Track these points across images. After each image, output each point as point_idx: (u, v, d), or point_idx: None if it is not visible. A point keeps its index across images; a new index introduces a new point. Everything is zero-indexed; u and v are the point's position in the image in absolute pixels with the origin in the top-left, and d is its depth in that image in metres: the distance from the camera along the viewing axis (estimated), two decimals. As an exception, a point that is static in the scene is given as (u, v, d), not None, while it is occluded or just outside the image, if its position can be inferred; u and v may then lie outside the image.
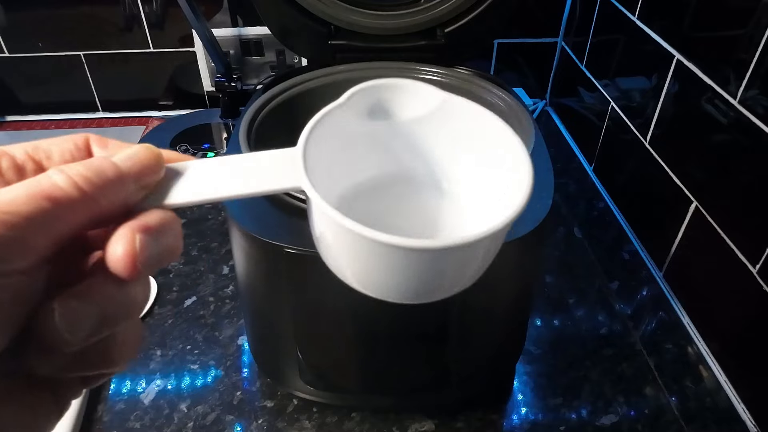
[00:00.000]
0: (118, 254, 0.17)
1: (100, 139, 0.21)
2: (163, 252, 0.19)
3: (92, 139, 0.20)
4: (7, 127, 0.86)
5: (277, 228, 0.36)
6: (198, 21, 0.70)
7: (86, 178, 0.17)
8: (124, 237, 0.18)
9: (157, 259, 0.18)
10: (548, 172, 0.41)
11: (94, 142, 0.20)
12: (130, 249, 0.18)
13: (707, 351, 0.53)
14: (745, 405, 0.48)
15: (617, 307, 0.58)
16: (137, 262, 0.18)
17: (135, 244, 0.18)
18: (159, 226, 0.19)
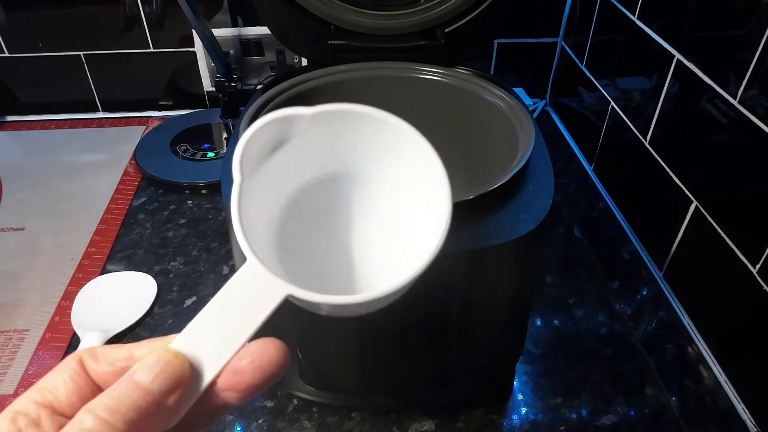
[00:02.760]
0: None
1: (90, 353, 0.21)
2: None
3: (84, 357, 0.21)
4: (7, 127, 0.86)
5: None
6: (198, 21, 0.70)
7: (114, 411, 0.18)
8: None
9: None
10: (548, 172, 0.41)
11: (86, 359, 0.21)
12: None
13: (707, 351, 0.53)
14: (745, 405, 0.48)
15: (617, 307, 0.58)
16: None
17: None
18: None
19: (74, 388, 0.20)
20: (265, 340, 0.21)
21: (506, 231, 0.36)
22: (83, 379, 0.21)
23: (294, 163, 0.25)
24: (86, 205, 0.70)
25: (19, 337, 0.53)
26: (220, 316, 0.21)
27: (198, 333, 0.21)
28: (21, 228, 0.66)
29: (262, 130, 0.22)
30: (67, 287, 0.58)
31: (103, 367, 0.21)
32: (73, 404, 0.20)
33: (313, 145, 0.25)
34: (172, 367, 0.20)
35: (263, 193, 0.24)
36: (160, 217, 0.69)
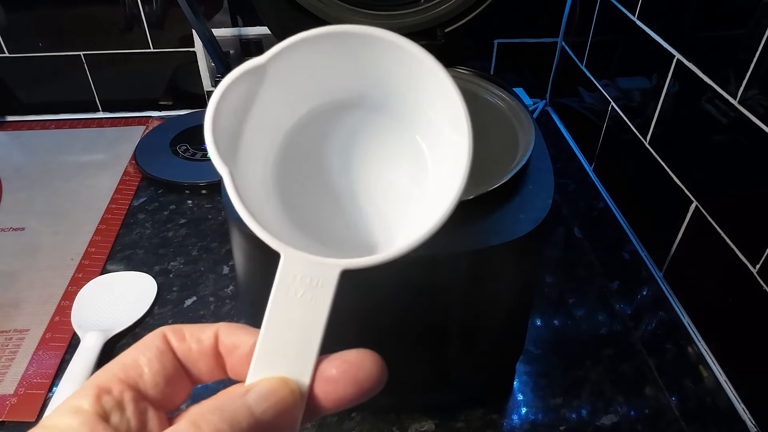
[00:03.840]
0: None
1: (175, 331, 0.20)
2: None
3: (169, 335, 0.20)
4: (7, 127, 0.86)
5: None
6: (198, 21, 0.70)
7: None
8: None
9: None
10: (548, 172, 0.41)
11: (171, 336, 0.20)
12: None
13: (707, 351, 0.53)
14: (745, 405, 0.48)
15: (617, 307, 0.58)
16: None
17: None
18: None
19: (159, 368, 0.19)
20: (362, 352, 0.20)
21: (506, 231, 0.36)
22: (168, 358, 0.20)
23: (275, 108, 0.22)
24: (86, 205, 0.70)
25: (19, 337, 0.53)
26: (284, 325, 0.19)
27: (273, 351, 0.19)
28: (21, 228, 0.66)
29: (223, 103, 0.20)
30: (67, 287, 0.58)
31: (190, 345, 0.20)
32: (158, 385, 0.19)
33: (295, 86, 0.22)
34: (288, 402, 0.19)
35: (255, 161, 0.22)
36: (160, 217, 0.69)
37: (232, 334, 0.20)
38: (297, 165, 0.23)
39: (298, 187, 0.23)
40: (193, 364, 0.20)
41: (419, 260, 0.36)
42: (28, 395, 0.48)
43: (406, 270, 0.37)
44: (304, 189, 0.23)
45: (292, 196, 0.23)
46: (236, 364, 0.20)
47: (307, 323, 0.19)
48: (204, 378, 0.21)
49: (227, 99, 0.20)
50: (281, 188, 0.23)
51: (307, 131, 0.23)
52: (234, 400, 0.18)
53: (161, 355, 0.20)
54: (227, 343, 0.20)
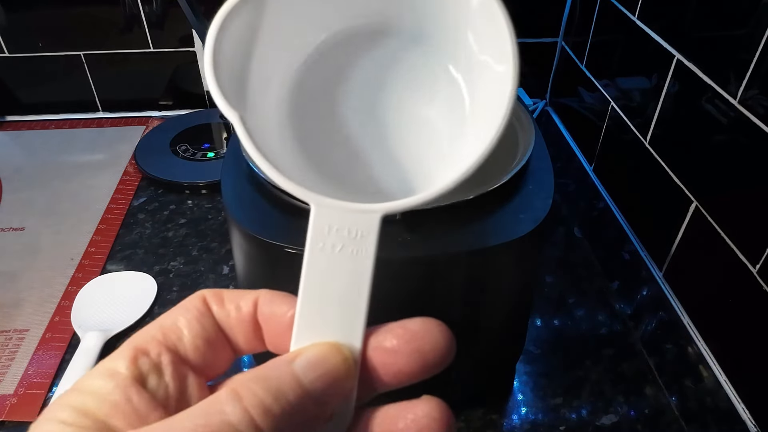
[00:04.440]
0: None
1: (215, 295, 0.19)
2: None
3: (208, 298, 0.19)
4: (7, 127, 0.86)
5: (277, 228, 0.36)
6: (198, 21, 0.70)
7: (266, 410, 0.15)
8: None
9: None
10: (548, 172, 0.41)
11: (210, 300, 0.19)
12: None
13: (707, 351, 0.53)
14: (745, 405, 0.48)
15: (617, 307, 0.58)
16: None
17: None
18: None
19: (200, 330, 0.18)
20: (427, 321, 0.18)
21: (506, 231, 0.36)
22: (209, 321, 0.18)
23: (284, 37, 0.19)
24: (86, 205, 0.70)
25: (19, 337, 0.53)
26: (325, 285, 0.17)
27: (315, 308, 0.17)
28: (21, 228, 0.66)
29: (221, 38, 0.17)
30: (67, 287, 0.58)
31: (229, 311, 0.19)
32: (198, 348, 0.18)
33: (304, 8, 0.19)
34: (340, 371, 0.17)
35: (266, 99, 0.19)
36: (160, 217, 0.69)
37: (271, 302, 0.19)
38: (315, 104, 0.20)
39: (318, 129, 0.20)
40: (231, 332, 0.19)
41: (419, 260, 0.36)
42: (28, 395, 0.48)
43: (406, 270, 0.37)
44: (325, 130, 0.21)
45: (313, 140, 0.20)
46: (275, 335, 0.19)
47: (351, 280, 0.17)
48: (242, 348, 0.19)
49: (228, 31, 0.17)
50: (299, 131, 0.20)
51: (325, 64, 0.20)
52: (279, 367, 0.16)
53: (201, 317, 0.18)
54: (266, 312, 0.19)
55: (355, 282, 0.17)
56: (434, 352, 0.18)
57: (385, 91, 0.21)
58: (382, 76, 0.21)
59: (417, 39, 0.20)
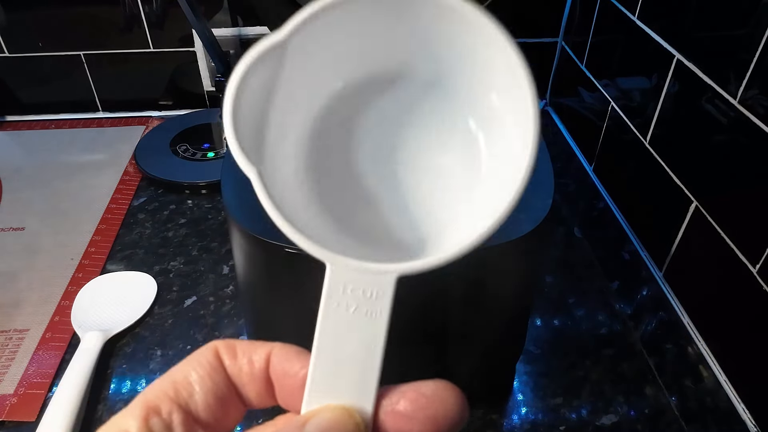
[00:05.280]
0: None
1: (228, 347, 0.19)
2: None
3: (221, 350, 0.19)
4: (7, 127, 0.86)
5: (277, 228, 0.36)
6: (198, 21, 0.70)
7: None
8: None
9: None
10: (548, 172, 0.41)
11: (223, 353, 0.19)
12: None
13: (707, 351, 0.53)
14: (745, 405, 0.48)
15: (617, 307, 0.58)
16: None
17: None
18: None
19: (211, 386, 0.18)
20: (440, 385, 0.18)
21: (506, 231, 0.36)
22: (221, 376, 0.18)
23: (306, 90, 0.19)
24: (86, 205, 0.70)
25: (19, 337, 0.53)
26: (339, 345, 0.17)
27: (329, 376, 0.17)
28: (21, 228, 0.66)
29: (240, 95, 0.17)
30: (67, 287, 0.58)
31: (241, 364, 0.19)
32: (210, 406, 0.18)
33: (321, 60, 0.19)
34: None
35: (284, 152, 0.19)
36: (160, 217, 0.69)
37: (285, 359, 0.19)
38: (331, 154, 0.20)
39: (334, 182, 0.20)
40: (243, 387, 0.19)
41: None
42: (28, 395, 0.48)
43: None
44: (341, 183, 0.20)
45: (330, 192, 0.20)
46: (287, 393, 0.19)
47: (364, 341, 0.17)
48: (253, 403, 0.19)
49: (246, 87, 0.17)
50: (315, 185, 0.20)
51: (341, 114, 0.20)
52: (291, 430, 0.17)
53: (213, 372, 0.18)
54: (279, 369, 0.19)
55: (369, 343, 0.17)
56: (447, 419, 0.17)
57: (401, 139, 0.20)
58: (399, 123, 0.20)
59: (436, 86, 0.20)
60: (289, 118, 0.19)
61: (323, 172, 0.20)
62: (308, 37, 0.17)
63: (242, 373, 0.19)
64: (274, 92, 0.18)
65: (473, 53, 0.18)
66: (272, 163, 0.18)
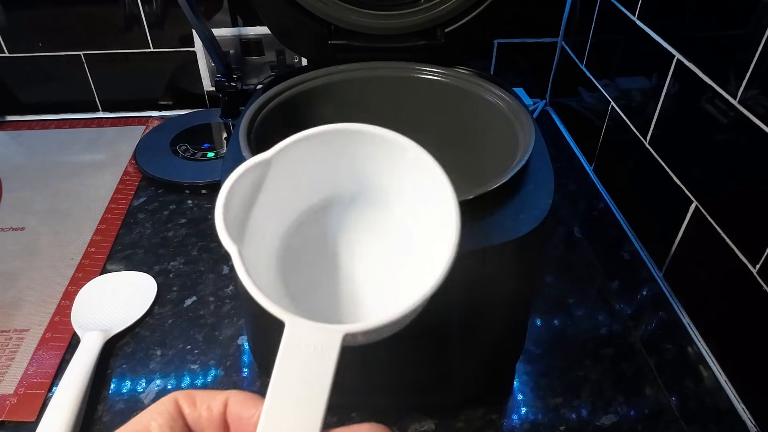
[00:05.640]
0: None
1: (187, 397, 0.21)
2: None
3: (180, 400, 0.20)
4: (7, 127, 0.86)
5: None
6: (198, 21, 0.70)
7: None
8: None
9: None
10: (548, 172, 0.41)
11: (182, 402, 0.20)
12: None
13: (707, 351, 0.53)
14: (745, 405, 0.48)
15: (617, 307, 0.58)
16: None
17: None
18: None
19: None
20: (373, 426, 0.20)
21: (506, 231, 0.36)
22: (179, 424, 0.20)
23: (279, 200, 0.25)
24: (86, 205, 0.70)
25: (19, 337, 0.53)
26: (290, 391, 0.20)
27: (278, 417, 0.19)
28: (21, 228, 0.66)
29: (232, 192, 0.22)
30: (67, 287, 0.58)
31: (200, 412, 0.20)
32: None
33: (296, 178, 0.25)
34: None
35: (261, 238, 0.24)
36: (160, 217, 0.69)
37: (241, 404, 0.21)
38: (299, 248, 0.25)
39: (299, 266, 0.25)
40: (202, 431, 0.20)
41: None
42: (28, 395, 0.48)
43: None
44: (305, 268, 0.25)
45: (295, 275, 0.25)
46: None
47: (312, 388, 0.20)
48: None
49: (236, 188, 0.22)
50: (284, 267, 0.25)
51: (308, 223, 0.26)
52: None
53: (173, 421, 0.20)
54: (235, 413, 0.20)
55: (317, 391, 0.20)
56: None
57: (352, 239, 0.26)
58: (351, 228, 0.26)
59: (378, 202, 0.26)
60: (267, 216, 0.24)
61: (291, 259, 0.25)
62: (288, 158, 0.23)
63: (201, 419, 0.20)
64: (258, 195, 0.24)
65: (409, 173, 0.24)
66: (250, 248, 0.22)
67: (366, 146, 0.24)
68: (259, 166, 0.23)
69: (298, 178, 0.25)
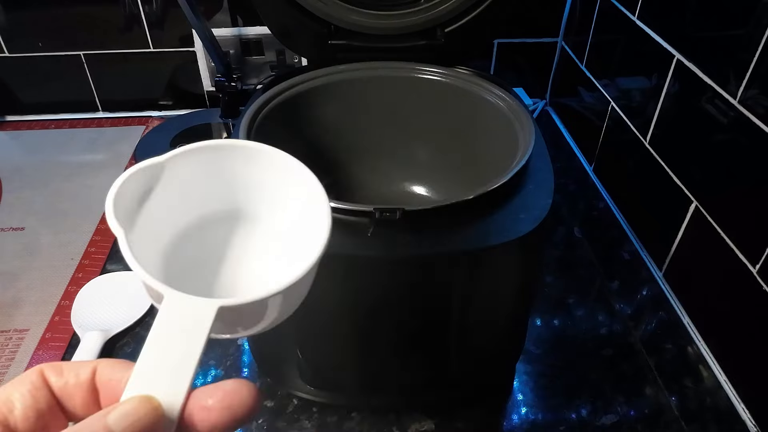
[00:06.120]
0: None
1: (53, 367, 0.21)
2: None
3: (46, 371, 0.21)
4: (7, 127, 0.86)
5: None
6: (198, 21, 0.70)
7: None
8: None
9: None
10: (548, 172, 0.41)
11: (48, 372, 0.21)
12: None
13: (707, 351, 0.53)
14: (745, 405, 0.48)
15: (617, 307, 0.58)
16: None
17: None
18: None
19: (31, 403, 0.20)
20: (238, 381, 0.21)
21: (506, 231, 0.36)
22: (43, 394, 0.20)
23: (174, 202, 0.26)
24: (86, 204, 0.70)
25: (19, 337, 0.53)
26: (163, 352, 0.21)
27: (150, 373, 0.20)
28: (21, 228, 0.66)
29: (124, 186, 0.24)
30: (67, 287, 0.58)
31: (67, 379, 0.21)
32: (29, 419, 0.20)
33: (187, 185, 0.26)
34: (149, 419, 0.19)
35: (150, 232, 0.25)
36: (160, 217, 0.69)
37: (110, 368, 0.21)
38: (184, 253, 0.27)
39: (184, 268, 0.27)
40: (69, 399, 0.21)
41: (419, 260, 0.36)
42: (28, 395, 0.48)
43: (406, 270, 0.37)
44: (188, 270, 0.27)
45: (179, 267, 0.27)
46: (112, 399, 0.21)
47: (184, 352, 0.20)
48: (78, 414, 0.21)
49: (129, 183, 0.24)
50: (168, 266, 0.26)
51: (195, 231, 0.28)
52: (93, 423, 0.18)
53: (35, 390, 0.20)
54: (104, 377, 0.21)
55: (187, 354, 0.20)
56: (241, 407, 0.20)
57: (233, 242, 0.29)
58: (230, 236, 0.29)
59: (256, 215, 0.28)
60: (157, 223, 0.26)
61: (177, 254, 0.27)
62: (178, 166, 0.25)
63: (68, 386, 0.21)
64: (150, 195, 0.25)
65: (269, 174, 0.27)
66: (140, 237, 0.24)
67: (242, 159, 0.27)
68: (152, 168, 0.25)
69: (187, 187, 0.27)
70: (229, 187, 0.28)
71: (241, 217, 0.29)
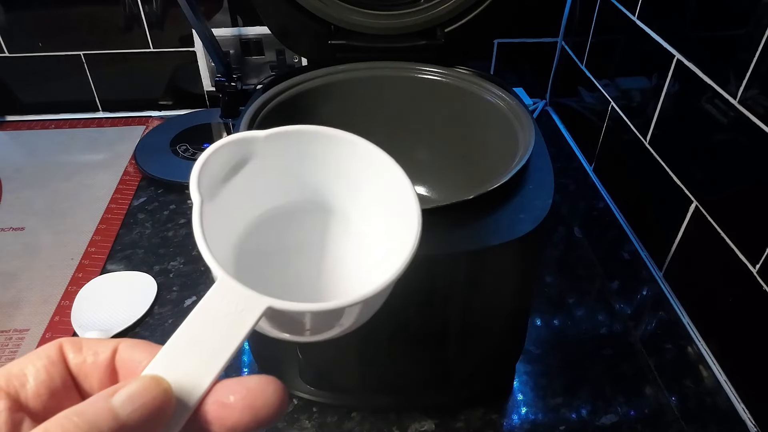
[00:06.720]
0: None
1: (73, 343, 0.19)
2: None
3: (65, 346, 0.19)
4: (7, 127, 0.86)
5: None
6: (198, 21, 0.70)
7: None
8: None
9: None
10: (548, 172, 0.41)
11: (67, 348, 0.19)
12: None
13: (707, 351, 0.53)
14: (745, 405, 0.48)
15: (617, 307, 0.58)
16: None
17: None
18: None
19: (45, 379, 0.18)
20: (264, 378, 0.19)
21: (506, 231, 0.36)
22: (58, 370, 0.19)
23: (259, 185, 0.25)
24: (86, 204, 0.70)
25: (19, 337, 0.53)
26: (198, 335, 0.19)
27: (176, 354, 0.19)
28: (21, 228, 0.66)
29: (218, 152, 0.23)
30: (67, 287, 0.58)
31: (85, 357, 0.19)
32: (40, 396, 0.18)
33: (276, 169, 0.25)
34: (157, 403, 0.17)
35: (228, 213, 0.24)
36: (160, 216, 0.69)
37: (131, 348, 0.20)
38: (258, 242, 0.26)
39: (254, 261, 0.26)
40: (86, 378, 0.19)
41: (419, 260, 0.36)
42: (28, 395, 0.48)
43: (405, 269, 0.37)
44: (259, 263, 0.26)
45: (251, 259, 0.25)
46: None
47: (219, 341, 0.19)
48: (94, 393, 0.19)
49: (219, 154, 0.23)
50: (240, 255, 0.25)
51: (273, 222, 0.27)
52: (97, 402, 0.17)
53: (51, 365, 0.19)
54: (125, 357, 0.20)
55: (223, 345, 0.19)
56: (265, 408, 0.18)
57: (314, 240, 0.27)
58: (316, 227, 0.27)
59: (338, 208, 0.27)
60: (242, 194, 0.25)
61: (246, 253, 0.25)
62: (271, 146, 0.24)
63: (86, 364, 0.19)
64: (235, 176, 0.24)
65: (362, 167, 0.26)
66: (214, 211, 0.22)
67: (337, 150, 0.25)
68: (248, 142, 0.24)
69: (272, 173, 0.25)
70: (312, 178, 0.26)
71: (325, 210, 0.27)
